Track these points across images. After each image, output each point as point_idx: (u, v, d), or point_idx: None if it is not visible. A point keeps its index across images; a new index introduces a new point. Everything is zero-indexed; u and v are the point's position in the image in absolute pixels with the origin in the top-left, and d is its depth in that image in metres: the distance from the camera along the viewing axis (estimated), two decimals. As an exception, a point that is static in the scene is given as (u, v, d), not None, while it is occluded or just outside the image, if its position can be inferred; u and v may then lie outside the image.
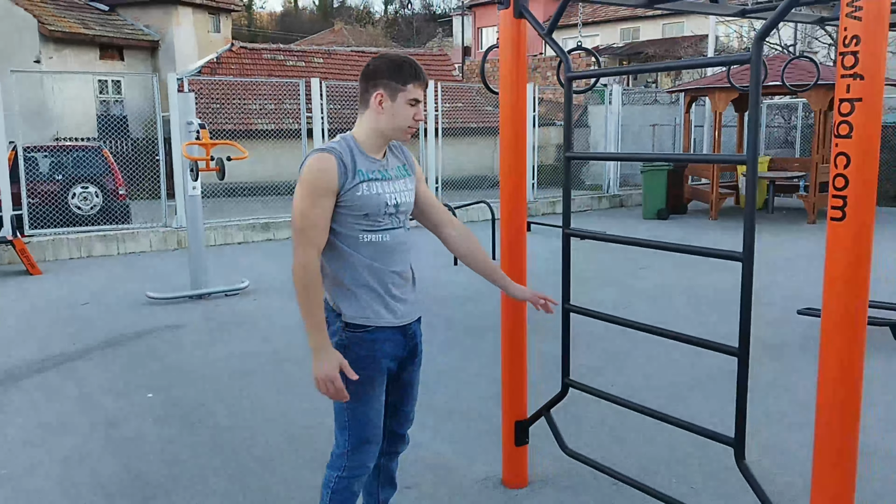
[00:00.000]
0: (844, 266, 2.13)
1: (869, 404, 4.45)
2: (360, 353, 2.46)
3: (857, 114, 2.05)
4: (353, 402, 2.48)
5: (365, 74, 2.45)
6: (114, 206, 10.69)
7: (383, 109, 2.42)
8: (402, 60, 2.44)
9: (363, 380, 2.46)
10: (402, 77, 2.41)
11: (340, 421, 2.54)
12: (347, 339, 2.46)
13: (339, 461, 2.58)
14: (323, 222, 2.36)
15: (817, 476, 2.30)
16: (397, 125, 2.45)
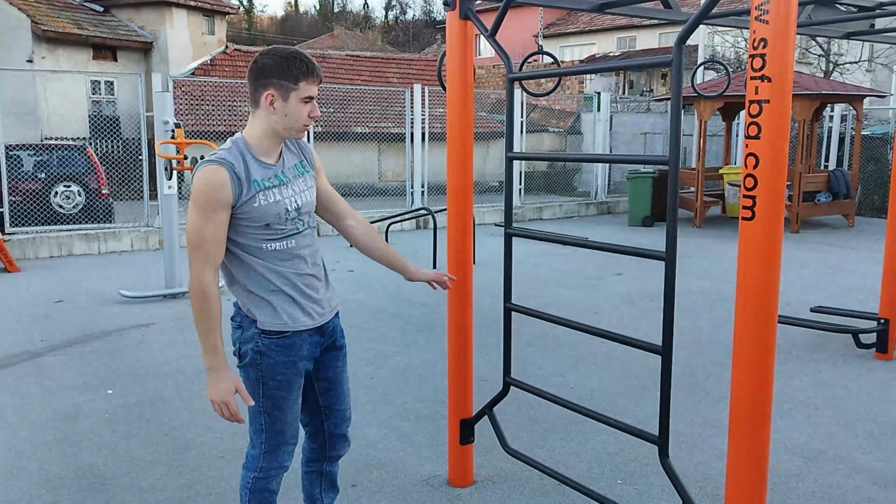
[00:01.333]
0: (755, 265, 2.16)
1: (821, 409, 4.50)
2: (279, 359, 2.43)
3: (765, 115, 2.08)
4: (271, 408, 2.47)
5: (253, 72, 2.31)
6: (96, 206, 10.70)
7: (275, 110, 2.30)
8: (292, 56, 2.30)
9: (281, 385, 2.46)
10: (292, 75, 2.28)
11: (256, 424, 2.51)
12: (265, 346, 2.41)
13: (255, 462, 2.55)
14: (217, 238, 2.27)
15: (731, 481, 2.32)
16: (290, 125, 2.34)
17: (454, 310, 3.42)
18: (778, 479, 3.58)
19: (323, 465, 2.77)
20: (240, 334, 2.45)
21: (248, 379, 2.46)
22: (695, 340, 5.92)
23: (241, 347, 2.45)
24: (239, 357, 2.47)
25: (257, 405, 2.46)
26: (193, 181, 2.26)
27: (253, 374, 2.44)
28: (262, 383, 2.44)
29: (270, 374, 2.43)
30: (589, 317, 6.71)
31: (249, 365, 2.44)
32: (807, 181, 12.48)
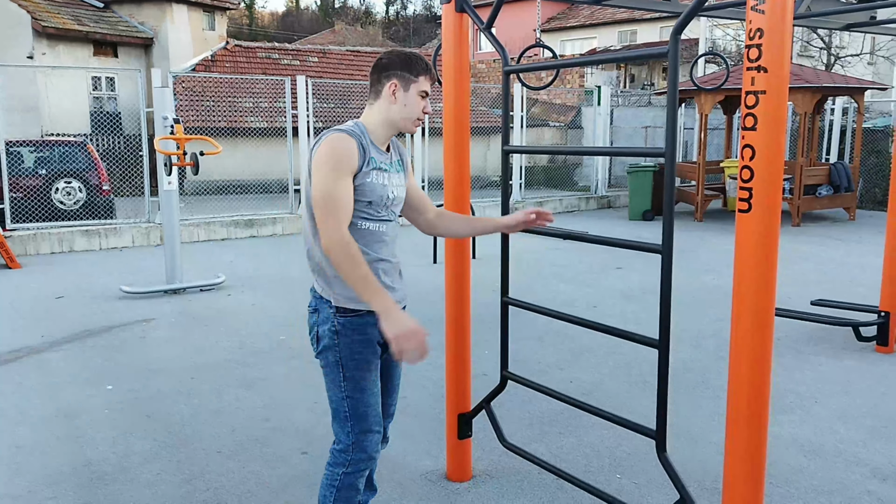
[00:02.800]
0: (752, 257, 2.15)
1: (821, 402, 4.49)
2: (355, 338, 2.47)
3: (761, 106, 2.07)
4: (352, 390, 2.49)
5: (377, 67, 2.52)
6: (97, 202, 10.71)
7: (396, 99, 2.48)
8: (414, 54, 2.53)
9: (360, 364, 2.49)
10: (414, 69, 2.49)
11: (340, 414, 2.51)
12: (340, 324, 2.46)
13: (342, 457, 2.54)
14: (348, 198, 2.34)
15: (728, 475, 2.31)
16: (408, 115, 2.50)
17: (451, 304, 3.42)
18: (778, 473, 3.58)
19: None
20: (315, 318, 2.51)
21: (328, 365, 2.50)
22: (696, 335, 5.91)
23: (317, 331, 2.49)
24: (316, 342, 2.51)
25: (339, 391, 2.49)
26: (321, 148, 2.34)
27: (331, 356, 2.48)
28: (342, 365, 2.47)
29: (349, 353, 2.46)
30: (589, 312, 6.70)
31: (327, 348, 2.48)
32: (808, 174, 12.45)
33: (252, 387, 4.79)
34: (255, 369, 5.13)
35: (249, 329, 6.13)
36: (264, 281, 8.07)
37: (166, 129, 7.00)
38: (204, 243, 10.79)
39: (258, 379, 4.94)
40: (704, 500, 3.32)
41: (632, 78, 32.06)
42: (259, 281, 8.06)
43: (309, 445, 3.92)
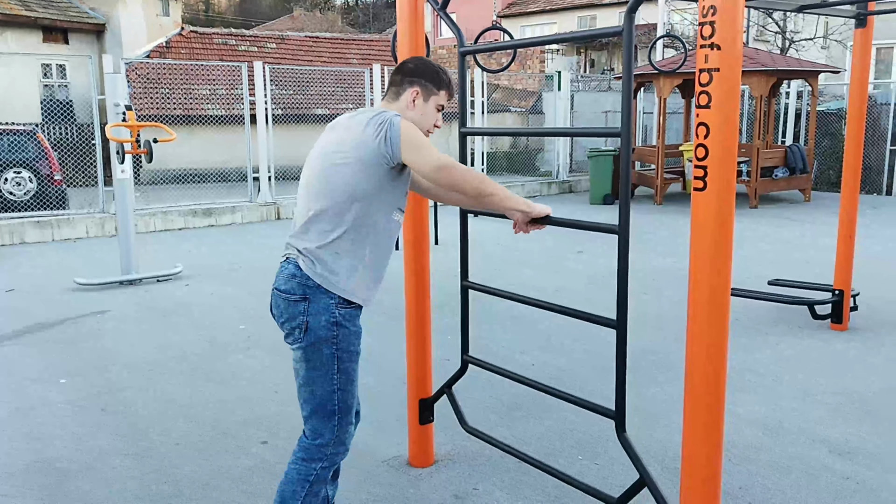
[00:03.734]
0: (708, 236, 2.14)
1: (780, 381, 4.56)
2: (353, 329, 2.46)
3: (715, 84, 2.06)
4: (345, 383, 2.46)
5: (404, 70, 2.56)
6: (49, 192, 10.43)
7: (415, 106, 2.54)
8: (441, 69, 2.58)
9: (353, 356, 2.49)
10: (439, 82, 2.56)
11: (326, 409, 2.46)
12: (342, 315, 2.42)
13: (322, 451, 2.50)
14: None
15: (686, 453, 2.32)
16: (421, 124, 2.54)
17: (411, 288, 3.39)
18: (737, 451, 3.62)
19: None
20: (303, 308, 2.39)
21: (319, 358, 2.41)
22: (657, 318, 5.96)
23: (306, 322, 2.39)
24: (303, 333, 2.40)
25: (331, 385, 2.43)
26: (399, 124, 2.35)
27: (327, 349, 2.41)
28: (338, 358, 2.42)
29: (346, 345, 2.43)
30: (551, 296, 6.72)
31: (322, 340, 2.40)
32: (764, 157, 12.64)
33: (212, 378, 4.71)
34: (214, 360, 5.05)
35: (208, 319, 6.03)
36: (223, 270, 7.95)
37: (118, 117, 6.83)
38: (161, 233, 10.59)
39: (218, 370, 4.86)
40: (665, 478, 3.35)
41: (591, 63, 32.22)
42: (218, 270, 7.93)
43: (270, 435, 3.86)
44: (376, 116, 2.39)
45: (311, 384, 2.44)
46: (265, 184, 11.66)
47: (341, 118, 2.55)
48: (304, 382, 2.46)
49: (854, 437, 3.80)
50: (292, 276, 2.41)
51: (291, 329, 2.43)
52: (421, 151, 2.36)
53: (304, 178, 2.52)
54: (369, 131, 2.37)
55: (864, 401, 4.26)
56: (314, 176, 2.46)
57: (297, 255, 2.44)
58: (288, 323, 2.43)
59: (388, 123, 2.36)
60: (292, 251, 2.46)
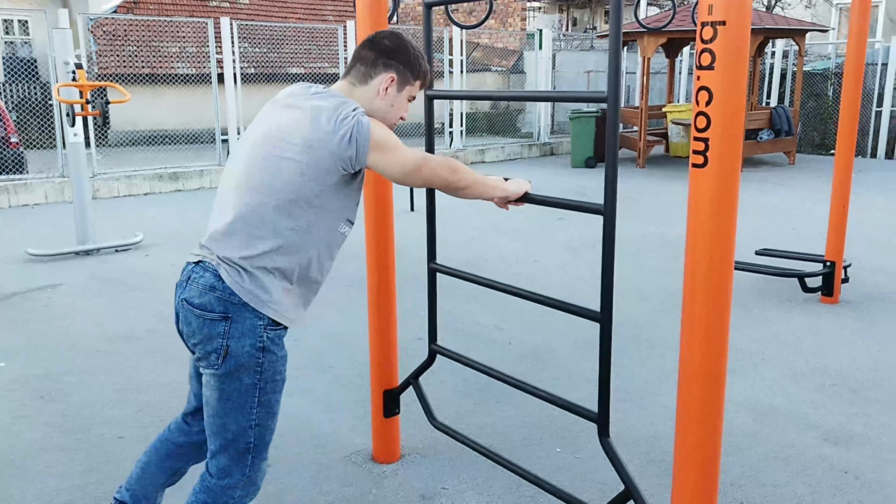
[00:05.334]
0: (708, 219, 1.84)
1: (769, 360, 4.30)
2: (280, 354, 2.09)
3: (720, 40, 1.73)
4: (264, 417, 2.08)
5: (380, 48, 2.15)
6: (5, 155, 9.91)
7: (386, 94, 2.15)
8: (421, 53, 2.20)
9: (278, 385, 2.10)
10: (417, 70, 2.19)
11: (240, 445, 2.07)
12: (269, 339, 2.04)
13: (228, 493, 2.11)
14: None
15: (679, 453, 2.04)
16: (388, 115, 2.17)
17: (374, 267, 3.06)
18: (728, 440, 3.35)
19: (189, 463, 2.42)
20: (224, 328, 1.97)
21: (238, 388, 2.02)
22: (639, 288, 5.69)
23: (227, 346, 1.98)
24: (222, 358, 1.98)
25: (247, 419, 2.05)
26: (369, 126, 2.00)
27: (248, 378, 2.02)
28: (259, 389, 2.04)
29: (271, 374, 2.06)
30: (530, 266, 6.43)
31: (244, 367, 2.00)
32: (749, 118, 12.33)
33: (171, 360, 4.37)
34: (168, 340, 4.70)
35: (166, 294, 5.66)
36: (188, 239, 7.55)
37: (68, 76, 6.36)
38: (124, 199, 10.14)
39: (178, 350, 4.51)
40: (652, 474, 3.09)
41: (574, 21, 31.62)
42: (182, 239, 7.54)
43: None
44: (338, 110, 1.99)
45: (223, 416, 2.04)
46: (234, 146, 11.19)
47: (295, 93, 2.10)
48: (216, 413, 2.05)
49: (848, 422, 3.56)
50: (210, 289, 1.98)
51: (206, 353, 2.00)
52: (390, 155, 2.02)
53: (235, 168, 2.07)
54: (329, 128, 1.96)
55: (857, 381, 4.03)
56: (254, 163, 2.02)
57: (218, 261, 2.00)
58: (203, 345, 2.01)
59: (354, 123, 1.97)
60: (210, 256, 2.02)
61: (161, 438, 2.39)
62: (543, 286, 5.76)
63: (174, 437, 2.37)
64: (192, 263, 2.05)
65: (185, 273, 2.05)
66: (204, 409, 2.10)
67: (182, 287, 2.05)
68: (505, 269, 6.25)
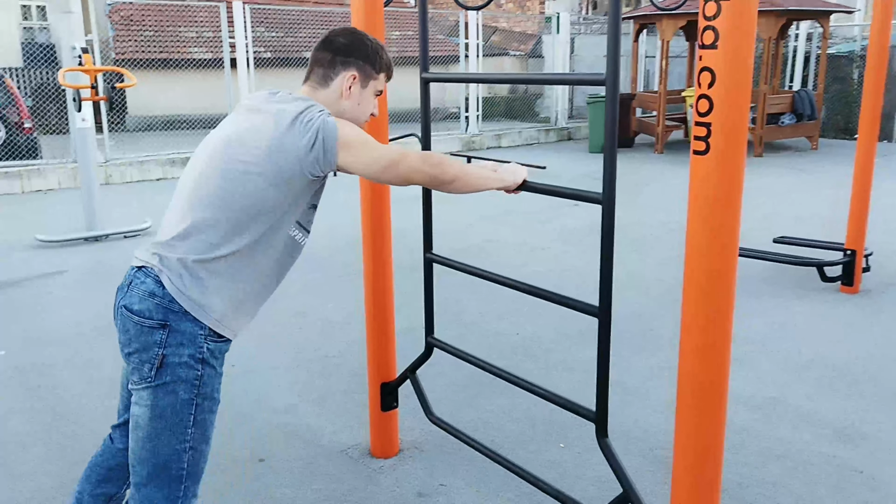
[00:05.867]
0: (708, 210, 1.71)
1: (776, 351, 4.14)
2: (218, 371, 1.94)
3: (724, 17, 1.59)
4: (199, 439, 1.91)
5: (333, 47, 2.05)
6: (18, 141, 9.91)
7: (351, 94, 2.06)
8: (378, 44, 2.11)
9: (214, 405, 1.94)
10: (378, 63, 2.10)
11: (172, 472, 1.88)
12: (210, 351, 1.90)
13: None
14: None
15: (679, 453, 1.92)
16: (357, 115, 2.09)
17: (370, 254, 2.96)
18: (730, 435, 3.22)
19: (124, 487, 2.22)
20: (161, 337, 1.84)
21: (173, 403, 1.85)
22: (643, 279, 5.55)
23: (162, 355, 1.84)
24: (156, 369, 1.84)
25: (181, 440, 1.87)
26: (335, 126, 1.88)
27: (184, 393, 1.86)
28: (196, 405, 1.88)
29: (209, 390, 1.91)
30: (536, 253, 6.30)
31: (180, 381, 1.85)
32: (771, 102, 12.06)
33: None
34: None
35: (172, 280, 5.61)
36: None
37: (74, 61, 6.30)
38: (137, 184, 10.12)
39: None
40: (650, 472, 2.97)
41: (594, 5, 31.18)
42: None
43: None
44: (303, 114, 1.88)
45: (154, 438, 1.85)
46: (248, 131, 11.12)
47: (259, 97, 2.01)
48: (146, 436, 1.86)
49: (861, 420, 3.41)
50: (150, 295, 1.85)
51: (140, 363, 1.85)
52: (361, 151, 1.90)
53: (194, 171, 1.95)
54: (293, 133, 1.85)
55: (872, 376, 3.87)
56: (212, 174, 1.89)
57: (160, 268, 1.87)
58: (137, 354, 1.86)
59: (320, 125, 1.86)
60: (153, 260, 1.89)
61: (91, 465, 2.22)
62: (547, 274, 5.64)
63: (104, 461, 2.20)
64: (135, 268, 1.93)
65: (127, 278, 1.93)
66: (131, 435, 1.90)
67: (122, 292, 1.92)
68: (508, 257, 6.13)
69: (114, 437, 2.18)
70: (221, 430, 3.31)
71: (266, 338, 4.35)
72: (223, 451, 3.13)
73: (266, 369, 4.01)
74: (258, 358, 4.11)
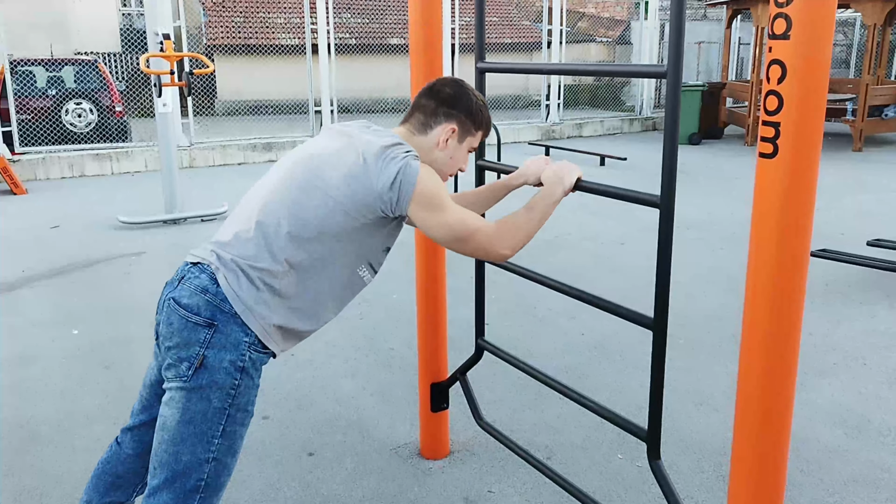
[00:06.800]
0: (775, 219, 1.54)
1: (871, 364, 3.83)
2: (256, 383, 1.88)
3: (798, 3, 1.42)
4: (225, 452, 1.84)
5: (440, 97, 2.04)
6: (110, 124, 10.29)
7: (447, 146, 2.04)
8: (483, 102, 2.09)
9: (246, 418, 1.88)
10: (479, 120, 2.07)
11: (191, 481, 1.80)
12: (251, 360, 1.84)
13: None
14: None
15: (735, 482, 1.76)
16: (447, 167, 2.07)
17: (422, 252, 2.87)
18: (810, 455, 3.02)
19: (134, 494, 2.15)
20: (207, 336, 1.78)
21: (205, 409, 1.79)
22: (729, 276, 5.26)
23: (205, 356, 1.78)
24: (193, 369, 1.78)
25: (206, 450, 1.81)
26: (417, 173, 1.85)
27: (217, 400, 1.80)
28: (227, 416, 1.81)
29: (244, 402, 1.85)
30: (615, 248, 6.09)
31: (216, 386, 1.79)
32: (874, 94, 11.34)
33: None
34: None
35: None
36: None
37: (157, 47, 6.44)
38: (219, 168, 10.35)
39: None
40: (706, 488, 2.79)
41: (687, -11, 30.08)
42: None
43: (274, 407, 3.46)
44: (390, 149, 1.86)
45: (179, 443, 1.79)
46: (327, 118, 11.23)
47: (352, 124, 2.02)
48: (171, 439, 1.79)
49: (962, 446, 3.12)
50: (202, 291, 1.80)
51: (179, 359, 1.79)
52: (434, 214, 1.87)
53: (271, 180, 1.95)
54: (376, 166, 1.84)
55: (978, 398, 3.54)
56: (290, 184, 1.89)
57: (217, 265, 1.83)
58: (177, 350, 1.79)
59: (404, 165, 1.83)
60: (210, 258, 1.85)
61: (98, 472, 2.14)
62: (625, 272, 5.43)
63: (112, 468, 2.11)
64: (189, 264, 1.90)
65: (179, 272, 1.90)
66: (156, 435, 1.84)
67: (172, 286, 1.88)
68: (587, 251, 5.95)
69: (122, 441, 2.10)
70: (280, 418, 3.33)
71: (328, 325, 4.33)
72: (279, 442, 3.13)
73: (326, 358, 3.99)
74: (318, 345, 4.09)
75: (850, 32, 17.38)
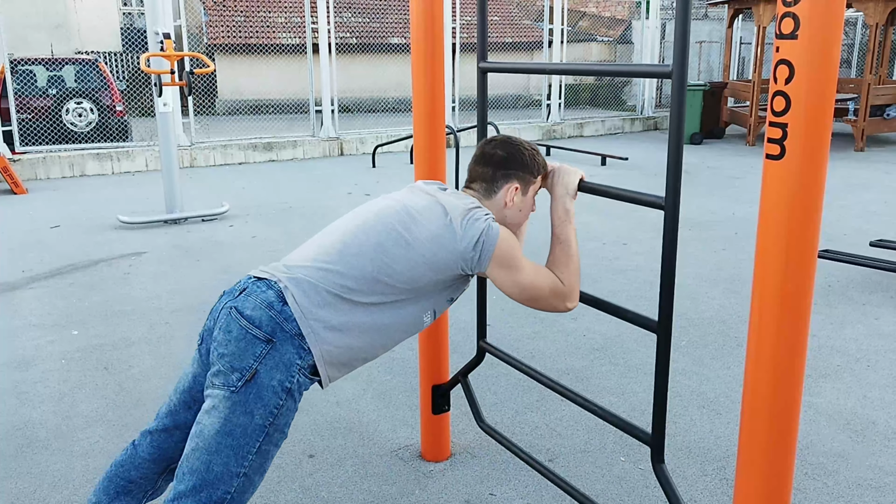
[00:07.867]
0: (782, 222, 1.51)
1: (875, 366, 3.81)
2: (296, 405, 1.89)
3: (807, 2, 1.39)
4: (256, 469, 1.84)
5: (493, 161, 2.13)
6: (110, 123, 10.27)
7: (514, 203, 2.14)
8: (535, 150, 2.19)
9: (279, 441, 1.88)
10: (535, 168, 2.16)
11: (218, 492, 1.79)
12: (298, 384, 1.85)
13: None
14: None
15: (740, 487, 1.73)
16: (517, 220, 2.18)
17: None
18: (815, 460, 2.99)
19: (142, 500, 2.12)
20: (263, 351, 1.79)
21: (246, 423, 1.79)
22: (732, 276, 5.23)
23: (257, 370, 1.79)
24: (244, 382, 1.78)
25: (239, 464, 1.80)
26: (497, 236, 1.98)
27: (260, 417, 1.80)
28: (266, 434, 1.82)
29: (283, 423, 1.86)
30: (617, 248, 6.06)
31: (262, 404, 1.79)
32: (876, 93, 11.31)
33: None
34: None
35: (244, 265, 5.66)
36: (272, 210, 7.59)
37: (157, 46, 6.42)
38: (219, 168, 10.33)
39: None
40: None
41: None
42: (267, 210, 7.58)
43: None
44: (472, 212, 1.98)
45: (214, 453, 1.78)
46: (328, 118, 11.21)
47: (431, 187, 2.13)
48: (206, 447, 1.78)
49: (967, 449, 3.09)
50: (267, 306, 1.82)
51: (231, 368, 1.78)
52: (511, 274, 1.99)
53: (357, 219, 2.02)
54: (459, 229, 1.95)
55: (983, 400, 3.52)
56: (378, 228, 1.97)
57: (286, 284, 1.86)
58: (230, 358, 1.79)
59: (486, 227, 1.95)
60: (281, 275, 1.89)
61: (110, 474, 2.11)
62: (627, 273, 5.41)
63: (125, 472, 2.08)
64: (254, 278, 1.93)
65: (242, 284, 1.92)
66: (189, 441, 1.83)
67: (233, 296, 1.89)
68: (590, 252, 5.93)
69: (139, 445, 2.06)
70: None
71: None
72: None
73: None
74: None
75: (851, 32, 17.36)
